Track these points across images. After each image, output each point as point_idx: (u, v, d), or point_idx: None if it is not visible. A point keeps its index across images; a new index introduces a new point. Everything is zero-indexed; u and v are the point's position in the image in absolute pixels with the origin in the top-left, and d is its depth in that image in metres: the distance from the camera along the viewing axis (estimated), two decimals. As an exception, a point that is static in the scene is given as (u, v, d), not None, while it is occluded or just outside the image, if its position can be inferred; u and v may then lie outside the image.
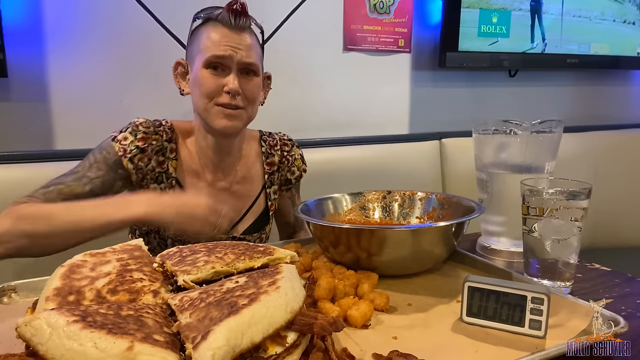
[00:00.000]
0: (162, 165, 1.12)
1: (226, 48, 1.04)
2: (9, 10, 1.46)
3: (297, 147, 1.32)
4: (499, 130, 1.05)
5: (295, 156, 1.30)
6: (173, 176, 1.14)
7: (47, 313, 0.50)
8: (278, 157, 1.27)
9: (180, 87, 1.14)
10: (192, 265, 0.66)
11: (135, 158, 1.08)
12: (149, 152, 1.09)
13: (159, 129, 1.12)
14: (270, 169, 1.26)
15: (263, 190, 1.25)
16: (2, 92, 1.50)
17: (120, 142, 1.07)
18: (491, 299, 0.68)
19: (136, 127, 1.09)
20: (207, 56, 1.04)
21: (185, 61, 1.13)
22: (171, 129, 1.15)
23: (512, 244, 1.05)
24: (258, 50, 1.12)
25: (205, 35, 1.06)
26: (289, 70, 1.88)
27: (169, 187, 1.14)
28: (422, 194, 1.10)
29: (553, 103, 2.45)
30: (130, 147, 1.07)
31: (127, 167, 1.07)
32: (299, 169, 1.30)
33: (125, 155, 1.07)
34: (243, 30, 1.07)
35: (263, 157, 1.26)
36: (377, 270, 0.83)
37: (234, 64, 1.05)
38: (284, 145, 1.29)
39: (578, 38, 2.32)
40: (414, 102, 2.14)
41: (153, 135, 1.10)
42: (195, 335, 0.48)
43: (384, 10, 1.99)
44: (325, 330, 0.53)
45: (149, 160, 1.10)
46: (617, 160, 2.28)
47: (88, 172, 1.06)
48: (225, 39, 1.04)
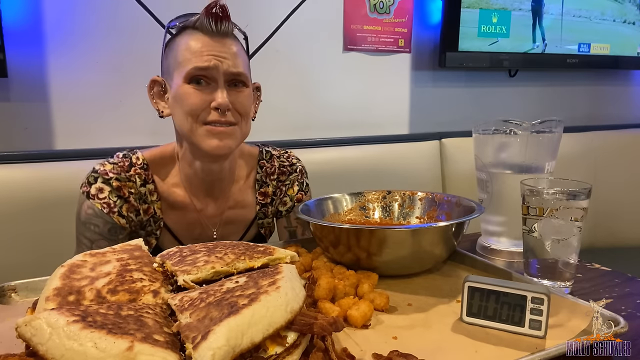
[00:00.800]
0: (148, 212, 1.02)
1: (209, 58, 0.90)
2: (9, 10, 1.46)
3: (299, 171, 1.17)
4: (499, 130, 1.05)
5: (289, 185, 1.15)
6: (160, 218, 1.03)
7: (47, 313, 0.50)
8: (272, 189, 1.14)
9: (159, 108, 0.99)
10: (192, 265, 0.66)
11: (123, 210, 0.97)
12: (132, 201, 0.98)
13: (129, 174, 0.99)
14: (264, 200, 1.14)
15: (255, 220, 1.15)
16: (2, 92, 1.50)
17: (97, 196, 0.95)
18: (491, 299, 0.68)
19: (106, 176, 0.97)
20: (188, 69, 0.90)
21: (162, 78, 0.99)
22: (144, 167, 1.01)
23: (512, 244, 1.05)
24: (245, 58, 0.99)
25: (183, 46, 0.92)
26: (289, 70, 1.88)
27: (156, 229, 1.04)
28: (422, 194, 1.10)
29: (553, 103, 2.45)
30: (113, 199, 0.96)
31: (120, 222, 0.97)
32: (292, 199, 1.15)
33: (112, 211, 0.96)
34: (226, 37, 0.93)
35: (257, 185, 1.13)
36: (377, 270, 0.83)
37: (220, 76, 0.92)
38: (281, 175, 1.15)
39: (578, 38, 2.32)
40: (414, 102, 2.14)
41: (127, 183, 0.98)
42: (195, 335, 0.48)
43: (384, 10, 1.99)
44: (325, 330, 0.53)
45: (136, 211, 1.00)
46: (617, 160, 2.28)
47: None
48: (207, 47, 0.91)
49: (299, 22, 1.85)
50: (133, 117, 1.65)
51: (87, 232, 0.97)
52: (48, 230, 1.38)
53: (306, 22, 1.87)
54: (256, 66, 1.80)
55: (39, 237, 1.39)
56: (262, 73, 1.83)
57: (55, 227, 1.14)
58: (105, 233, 0.97)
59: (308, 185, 1.19)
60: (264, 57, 1.82)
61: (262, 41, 1.81)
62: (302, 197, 1.16)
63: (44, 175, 1.44)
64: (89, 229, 0.96)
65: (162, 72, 1.00)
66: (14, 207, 1.38)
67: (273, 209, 1.16)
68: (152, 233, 1.04)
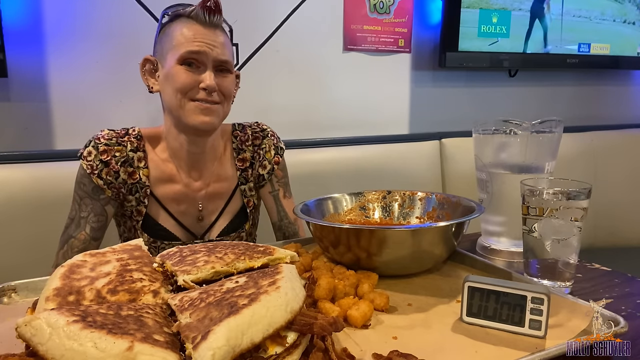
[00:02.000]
0: (133, 176, 1.11)
1: (201, 44, 1.03)
2: (9, 10, 1.46)
3: (271, 135, 1.25)
4: (499, 130, 1.05)
5: (265, 149, 1.24)
6: (147, 185, 1.12)
7: (47, 313, 0.50)
8: (250, 153, 1.23)
9: (149, 84, 1.11)
10: (192, 265, 0.66)
11: (102, 173, 1.07)
12: (113, 164, 1.08)
13: (122, 139, 1.10)
14: (243, 165, 1.22)
15: (237, 187, 1.22)
16: (2, 92, 1.50)
17: (87, 158, 1.07)
18: (491, 299, 0.68)
19: (98, 140, 1.08)
20: (182, 52, 1.02)
21: (154, 58, 1.10)
22: (138, 137, 1.12)
23: (512, 244, 1.05)
24: (230, 48, 1.11)
25: (178, 31, 1.04)
26: (289, 70, 1.88)
27: (143, 196, 1.12)
28: (422, 194, 1.10)
29: (553, 103, 2.45)
30: (95, 163, 1.07)
31: (98, 183, 1.07)
32: (270, 162, 1.23)
33: (93, 172, 1.07)
34: (216, 28, 1.06)
35: (234, 153, 1.22)
36: (377, 270, 0.83)
37: (209, 61, 1.04)
38: (255, 139, 1.24)
39: (578, 38, 2.32)
40: (414, 102, 2.14)
41: (115, 147, 1.09)
42: (195, 335, 0.48)
43: (384, 10, 1.99)
44: (325, 330, 0.53)
45: (116, 174, 1.09)
46: (617, 160, 2.28)
47: (81, 212, 1.08)
48: (199, 35, 1.03)
49: (299, 22, 1.85)
50: (133, 117, 1.64)
51: (78, 189, 1.09)
52: (48, 230, 1.38)
53: (306, 22, 1.87)
54: (256, 66, 1.82)
55: (39, 237, 1.39)
56: (262, 73, 1.84)
57: (55, 227, 1.15)
58: (90, 192, 1.09)
59: (282, 149, 1.27)
60: (264, 57, 1.82)
61: (262, 41, 1.81)
62: (279, 160, 1.25)
63: (44, 175, 1.44)
64: (80, 187, 1.09)
65: (155, 52, 1.11)
66: (14, 207, 1.39)
67: (254, 173, 1.24)
68: (141, 201, 1.12)
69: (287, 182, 1.29)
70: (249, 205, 1.23)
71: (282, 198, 1.26)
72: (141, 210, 1.13)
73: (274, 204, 1.26)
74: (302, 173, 1.26)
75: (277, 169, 1.25)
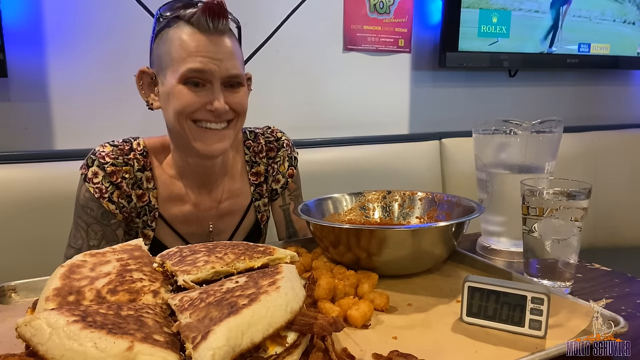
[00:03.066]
0: (142, 199, 1.01)
1: (206, 61, 0.87)
2: (9, 10, 1.46)
3: (287, 146, 1.16)
4: (499, 130, 1.05)
5: (280, 161, 1.14)
6: (155, 207, 1.02)
7: (47, 313, 0.50)
8: (264, 166, 1.14)
9: (148, 100, 0.97)
10: (192, 265, 0.66)
11: (113, 196, 0.97)
12: (124, 187, 0.98)
13: (128, 158, 0.99)
14: (257, 179, 1.13)
15: (251, 204, 1.14)
16: (2, 92, 1.50)
17: (92, 181, 0.96)
18: (491, 299, 0.68)
19: (103, 160, 0.97)
20: (183, 70, 0.88)
21: (151, 70, 0.96)
22: (144, 154, 1.01)
23: (512, 244, 1.05)
24: (239, 53, 0.96)
25: (177, 41, 0.88)
26: (289, 70, 1.88)
27: (151, 220, 1.03)
28: (422, 194, 1.10)
29: (553, 103, 2.45)
30: (105, 185, 0.96)
31: (110, 208, 0.97)
32: (284, 175, 1.15)
33: (102, 197, 0.96)
34: (222, 35, 0.90)
35: (247, 166, 1.12)
36: (377, 270, 0.83)
37: (217, 79, 0.90)
38: (270, 151, 1.14)
39: (578, 38, 2.32)
40: (414, 102, 2.14)
41: (123, 167, 0.98)
42: (195, 335, 0.48)
43: (384, 10, 1.99)
44: (325, 330, 0.53)
45: (128, 197, 0.99)
46: (617, 160, 2.28)
47: (90, 241, 0.98)
48: (203, 48, 0.87)
49: (299, 22, 1.85)
50: (133, 117, 1.65)
51: (84, 215, 0.98)
52: (48, 230, 1.38)
53: (306, 22, 1.87)
54: (256, 66, 1.81)
55: (39, 237, 1.39)
56: (262, 73, 1.84)
57: (55, 227, 1.14)
58: (99, 217, 0.98)
59: (296, 159, 1.19)
60: (264, 57, 1.82)
61: (262, 41, 1.81)
62: (293, 172, 1.17)
63: (44, 175, 1.44)
64: (85, 212, 0.98)
65: (152, 63, 0.97)
66: (14, 207, 1.38)
67: (267, 188, 1.16)
68: (148, 225, 1.03)
69: (299, 195, 1.20)
70: (262, 220, 1.16)
71: (293, 213, 1.17)
72: (148, 234, 1.04)
73: (283, 219, 1.18)
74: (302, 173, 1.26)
75: (290, 182, 1.17)
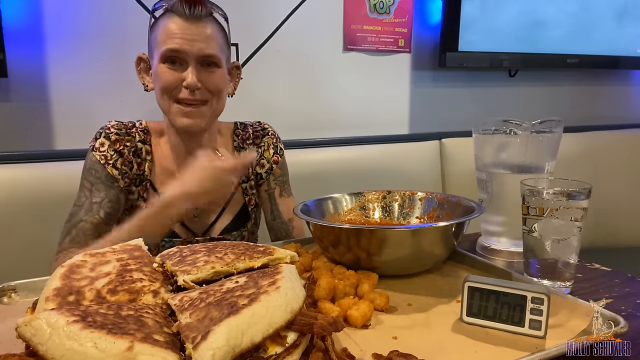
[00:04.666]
0: (140, 168, 1.12)
1: (181, 42, 0.99)
2: (9, 10, 1.46)
3: (272, 135, 1.25)
4: (499, 130, 1.05)
5: (264, 147, 1.23)
6: (147, 178, 1.12)
7: (47, 313, 0.50)
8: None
9: (144, 82, 1.11)
10: (192, 265, 0.66)
11: (117, 163, 1.07)
12: (126, 154, 1.09)
13: (131, 130, 1.12)
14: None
15: (239, 186, 1.21)
16: (2, 92, 1.50)
17: (99, 149, 1.07)
18: (491, 299, 0.68)
19: (108, 130, 1.09)
20: (163, 51, 1.00)
21: (147, 56, 1.10)
22: (145, 130, 1.14)
23: (512, 244, 1.05)
24: (220, 40, 1.06)
25: (162, 27, 1.02)
26: (289, 70, 1.88)
27: (143, 189, 1.12)
28: (422, 194, 1.10)
29: (553, 103, 2.45)
30: (110, 153, 1.07)
31: (113, 173, 1.07)
32: (268, 161, 1.22)
33: (107, 163, 1.06)
34: (199, 20, 1.01)
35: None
36: (377, 270, 0.83)
37: (192, 58, 1.01)
38: (256, 138, 1.23)
39: (578, 38, 2.31)
40: (414, 102, 2.14)
41: (125, 137, 1.10)
42: (195, 335, 0.48)
43: (384, 10, 1.99)
44: (325, 330, 0.53)
45: (130, 164, 1.09)
46: (617, 160, 2.28)
47: (93, 199, 1.06)
48: (180, 30, 0.99)
49: (299, 22, 1.85)
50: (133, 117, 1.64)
51: (89, 176, 1.07)
52: (48, 230, 1.37)
53: (306, 22, 1.87)
54: (256, 66, 1.82)
55: (39, 237, 1.38)
56: (263, 73, 1.84)
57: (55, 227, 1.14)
58: (103, 178, 1.07)
59: (282, 150, 1.26)
60: (264, 57, 1.82)
61: (262, 41, 1.81)
62: (278, 159, 1.24)
63: (44, 175, 1.44)
64: (91, 173, 1.07)
65: (148, 50, 1.10)
66: (14, 207, 1.39)
67: (253, 171, 1.23)
68: (140, 195, 1.12)
69: (285, 181, 1.27)
70: (250, 203, 1.23)
71: (278, 197, 1.24)
72: (141, 205, 1.12)
73: (269, 203, 1.24)
74: (302, 173, 1.26)
75: (275, 167, 1.23)
